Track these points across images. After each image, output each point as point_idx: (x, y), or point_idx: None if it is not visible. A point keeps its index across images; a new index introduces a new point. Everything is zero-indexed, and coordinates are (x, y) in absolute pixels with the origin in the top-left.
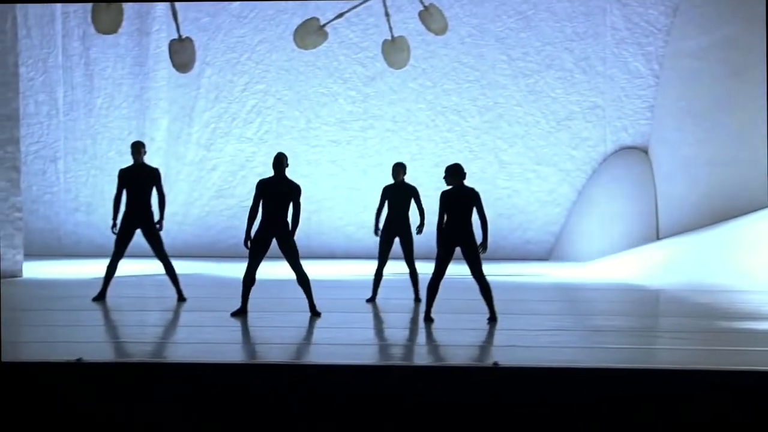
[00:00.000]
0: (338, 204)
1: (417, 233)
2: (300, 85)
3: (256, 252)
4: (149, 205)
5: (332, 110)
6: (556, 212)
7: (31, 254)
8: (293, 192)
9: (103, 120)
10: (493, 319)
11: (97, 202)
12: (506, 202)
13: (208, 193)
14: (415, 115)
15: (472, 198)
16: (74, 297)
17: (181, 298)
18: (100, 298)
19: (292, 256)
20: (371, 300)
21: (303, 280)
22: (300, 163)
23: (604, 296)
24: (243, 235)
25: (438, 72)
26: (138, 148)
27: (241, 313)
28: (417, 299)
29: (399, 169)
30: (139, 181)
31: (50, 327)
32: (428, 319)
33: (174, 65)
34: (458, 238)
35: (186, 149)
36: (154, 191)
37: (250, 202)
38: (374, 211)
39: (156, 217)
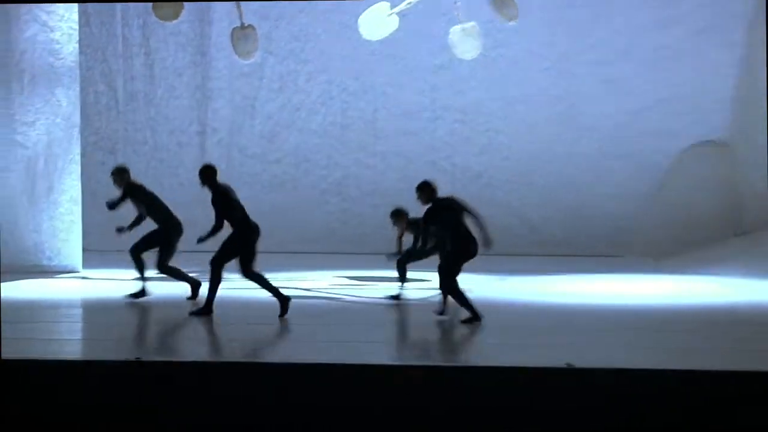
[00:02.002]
0: (406, 197)
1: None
2: (365, 75)
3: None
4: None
5: (399, 101)
6: (631, 207)
7: (90, 249)
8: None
9: (163, 111)
10: (441, 313)
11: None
12: (579, 196)
13: (271, 187)
14: (485, 105)
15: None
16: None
17: (194, 289)
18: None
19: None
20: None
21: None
22: (366, 155)
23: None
24: (304, 230)
25: (508, 61)
26: (121, 174)
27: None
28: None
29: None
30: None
31: (107, 324)
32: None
33: (237, 54)
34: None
35: (248, 141)
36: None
37: (314, 195)
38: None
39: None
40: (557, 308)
